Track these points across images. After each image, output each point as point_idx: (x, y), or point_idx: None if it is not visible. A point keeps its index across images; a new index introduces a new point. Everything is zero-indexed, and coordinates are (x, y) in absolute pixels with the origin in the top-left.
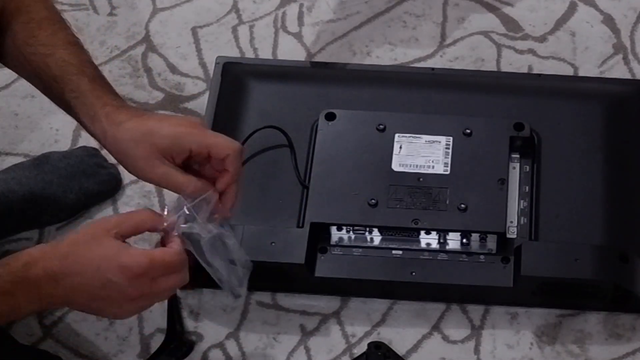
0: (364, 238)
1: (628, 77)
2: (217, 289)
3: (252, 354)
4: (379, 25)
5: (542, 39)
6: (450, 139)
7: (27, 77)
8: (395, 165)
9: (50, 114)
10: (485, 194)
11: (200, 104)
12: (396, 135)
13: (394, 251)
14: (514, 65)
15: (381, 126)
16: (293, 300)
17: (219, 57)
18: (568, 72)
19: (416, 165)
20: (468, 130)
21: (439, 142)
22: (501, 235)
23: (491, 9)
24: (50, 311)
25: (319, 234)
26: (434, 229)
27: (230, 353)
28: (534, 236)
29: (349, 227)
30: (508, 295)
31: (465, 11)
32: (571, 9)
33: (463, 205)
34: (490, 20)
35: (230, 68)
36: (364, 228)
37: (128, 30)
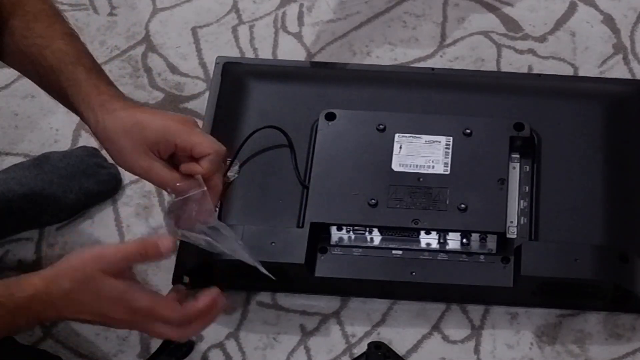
0: (364, 238)
1: (628, 77)
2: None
3: (252, 354)
4: (379, 25)
5: (542, 39)
6: (450, 139)
7: (24, 71)
8: (395, 165)
9: (50, 114)
10: (485, 194)
11: (200, 104)
12: (396, 135)
13: (394, 251)
14: (514, 65)
15: (381, 126)
16: (293, 300)
17: (219, 57)
18: (568, 72)
19: (416, 165)
20: (468, 130)
21: (439, 142)
22: (501, 235)
23: (491, 9)
24: None
25: (319, 234)
26: (434, 229)
27: (230, 353)
28: (534, 236)
29: (349, 227)
30: (508, 295)
31: (465, 11)
32: (571, 9)
33: (463, 205)
34: (490, 20)
35: (230, 68)
36: (364, 228)
37: (128, 30)
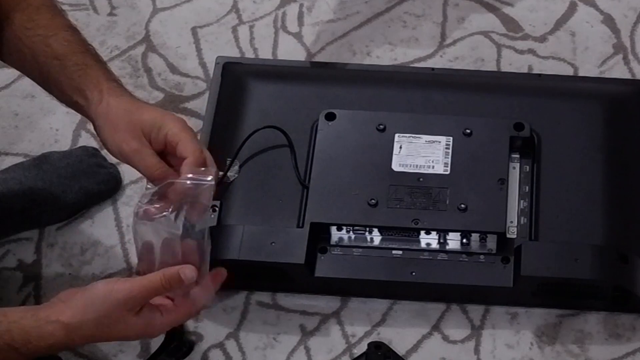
0: (364, 238)
1: (628, 77)
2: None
3: (252, 354)
4: (379, 25)
5: (542, 39)
6: (450, 139)
7: (23, 65)
8: (395, 165)
9: (50, 114)
10: (485, 194)
11: (200, 104)
12: (396, 135)
13: (394, 251)
14: (514, 65)
15: (381, 126)
16: (293, 300)
17: (219, 57)
18: (568, 72)
19: (416, 165)
20: (468, 130)
21: (439, 142)
22: (501, 235)
23: (491, 9)
24: None
25: (319, 234)
26: (434, 229)
27: (230, 353)
28: (534, 236)
29: (349, 227)
30: (508, 295)
31: (465, 11)
32: (571, 9)
33: (463, 205)
34: (490, 20)
35: (230, 68)
36: (364, 228)
37: (128, 30)
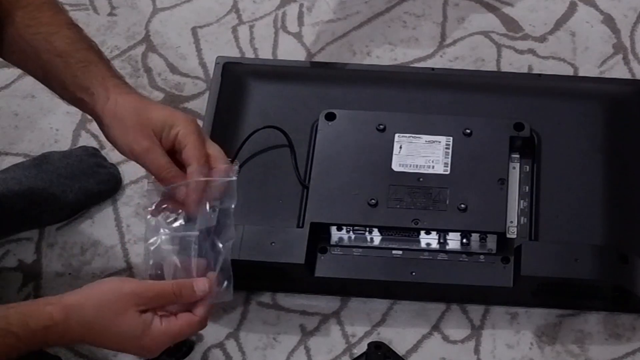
0: (364, 238)
1: (628, 77)
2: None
3: (252, 354)
4: (379, 25)
5: (542, 39)
6: (450, 139)
7: (25, 62)
8: (395, 165)
9: (50, 114)
10: (485, 194)
11: (200, 104)
12: (396, 135)
13: (394, 251)
14: (514, 65)
15: (381, 126)
16: (293, 300)
17: (219, 57)
18: (568, 72)
19: (416, 165)
20: (468, 130)
21: (439, 142)
22: (501, 235)
23: (491, 9)
24: None
25: (319, 234)
26: (434, 229)
27: (230, 353)
28: (534, 236)
29: (349, 227)
30: (508, 295)
31: (465, 11)
32: (571, 9)
33: (463, 205)
34: (490, 20)
35: (230, 68)
36: (364, 228)
37: (128, 30)
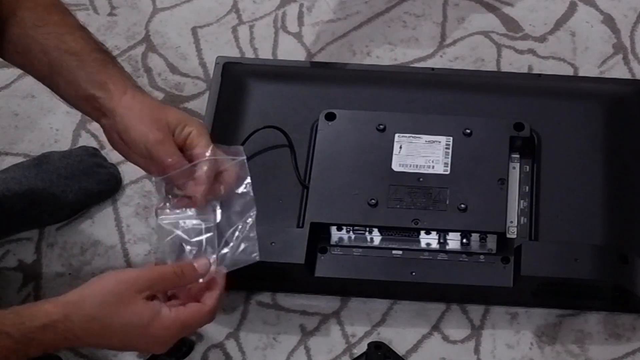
0: (364, 238)
1: (628, 77)
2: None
3: (252, 354)
4: (379, 25)
5: (542, 39)
6: (450, 139)
7: (30, 60)
8: (395, 165)
9: (50, 114)
10: (485, 194)
11: (200, 104)
12: (396, 135)
13: (394, 251)
14: (514, 65)
15: (381, 126)
16: (293, 300)
17: (219, 57)
18: (568, 72)
19: (416, 165)
20: (468, 130)
21: (439, 142)
22: (501, 235)
23: (491, 9)
24: None
25: (319, 234)
26: (434, 229)
27: (230, 353)
28: (534, 236)
29: (349, 227)
30: (508, 295)
31: (465, 11)
32: (571, 9)
33: (463, 205)
34: (490, 20)
35: (230, 68)
36: (364, 228)
37: (128, 30)
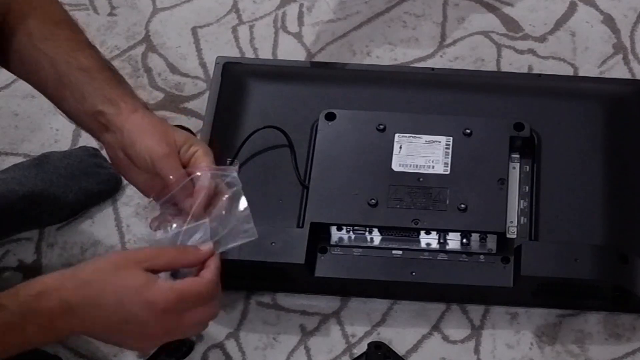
0: (364, 238)
1: (628, 77)
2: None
3: (252, 354)
4: (379, 25)
5: (542, 39)
6: (450, 139)
7: (36, 72)
8: (395, 165)
9: (50, 114)
10: (485, 194)
11: (200, 104)
12: (396, 135)
13: (394, 251)
14: (514, 65)
15: (381, 126)
16: (293, 300)
17: (219, 57)
18: (568, 72)
19: (416, 165)
20: (468, 130)
21: (439, 142)
22: (501, 235)
23: (491, 9)
24: None
25: (319, 234)
26: (434, 229)
27: (230, 353)
28: (534, 236)
29: (349, 227)
30: (508, 295)
31: (465, 11)
32: (571, 9)
33: (463, 205)
34: (490, 20)
35: (230, 68)
36: (364, 228)
37: (128, 30)
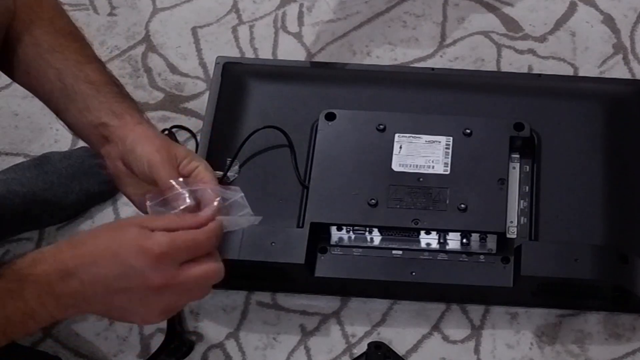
0: (364, 238)
1: (628, 77)
2: (218, 289)
3: (252, 354)
4: (379, 25)
5: (542, 39)
6: (450, 139)
7: (41, 83)
8: (395, 165)
9: (50, 114)
10: (485, 194)
11: (200, 104)
12: (396, 135)
13: (394, 251)
14: (514, 65)
15: (381, 126)
16: (293, 300)
17: (219, 57)
18: (568, 72)
19: (416, 165)
20: (468, 130)
21: (439, 142)
22: (501, 235)
23: (491, 9)
24: None
25: (319, 234)
26: (434, 229)
27: (230, 353)
28: (534, 236)
29: (349, 227)
30: (508, 295)
31: (465, 11)
32: (571, 9)
33: (463, 205)
34: (490, 20)
35: (230, 68)
36: (364, 228)
37: (128, 30)
